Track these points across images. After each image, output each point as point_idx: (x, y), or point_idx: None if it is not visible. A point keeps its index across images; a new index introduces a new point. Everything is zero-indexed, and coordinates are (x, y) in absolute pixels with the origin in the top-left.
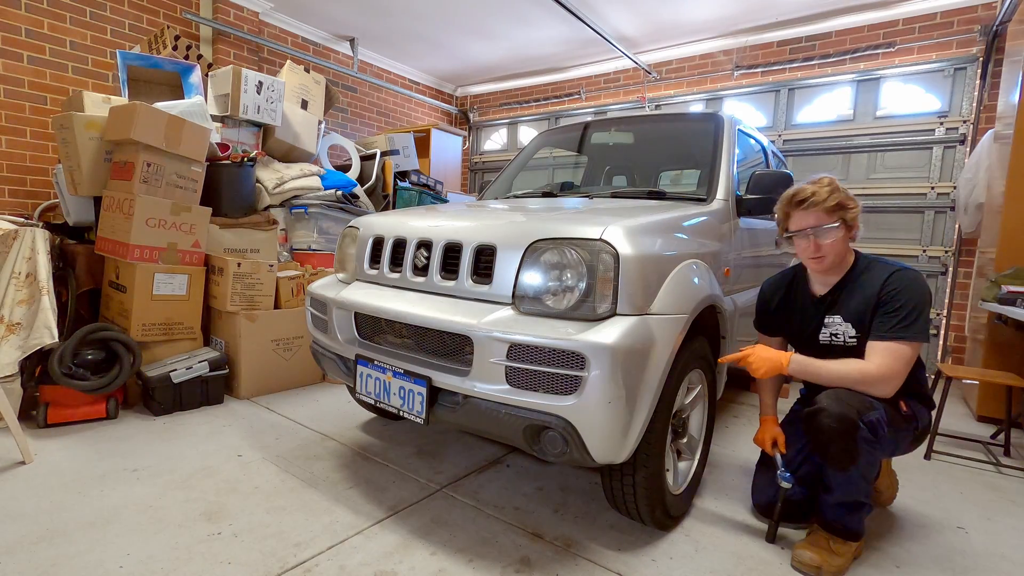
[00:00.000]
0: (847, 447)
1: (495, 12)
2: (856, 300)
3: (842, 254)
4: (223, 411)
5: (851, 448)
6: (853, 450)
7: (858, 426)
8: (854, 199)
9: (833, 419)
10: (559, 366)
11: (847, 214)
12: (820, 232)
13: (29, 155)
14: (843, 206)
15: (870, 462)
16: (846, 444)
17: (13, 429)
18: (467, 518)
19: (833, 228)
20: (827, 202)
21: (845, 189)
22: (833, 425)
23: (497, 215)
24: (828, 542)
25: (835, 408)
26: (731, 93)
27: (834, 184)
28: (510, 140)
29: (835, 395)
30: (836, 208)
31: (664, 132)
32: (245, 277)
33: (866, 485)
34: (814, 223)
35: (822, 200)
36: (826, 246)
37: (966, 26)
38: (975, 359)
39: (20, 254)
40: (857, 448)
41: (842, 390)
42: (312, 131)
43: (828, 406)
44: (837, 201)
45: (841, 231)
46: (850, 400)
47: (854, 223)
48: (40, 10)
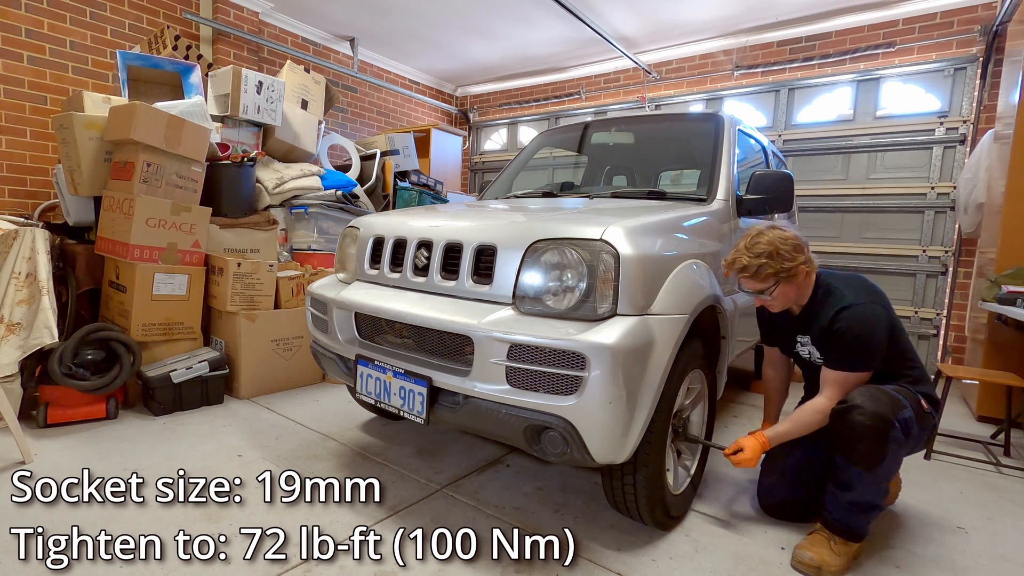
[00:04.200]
0: (877, 446)
1: (495, 12)
2: (816, 327)
3: (793, 298)
4: (223, 411)
5: (881, 447)
6: (882, 449)
7: (893, 424)
8: (793, 252)
9: (868, 416)
10: (559, 366)
11: (784, 273)
12: (760, 295)
13: (29, 155)
14: (778, 271)
15: (896, 462)
16: (877, 442)
17: (13, 429)
18: (467, 518)
19: (772, 289)
20: (757, 274)
21: (787, 238)
22: (867, 423)
23: (497, 215)
24: (829, 542)
25: (871, 406)
26: (731, 93)
27: (772, 245)
28: (510, 140)
29: (869, 392)
30: (769, 275)
31: (664, 132)
32: (245, 277)
33: (885, 486)
34: (752, 288)
35: (752, 273)
36: (771, 302)
37: (966, 26)
38: (975, 359)
39: (20, 254)
40: (886, 447)
41: (873, 387)
42: (312, 131)
43: (863, 403)
44: (768, 271)
45: (782, 287)
46: (884, 397)
47: (797, 273)
48: (40, 10)
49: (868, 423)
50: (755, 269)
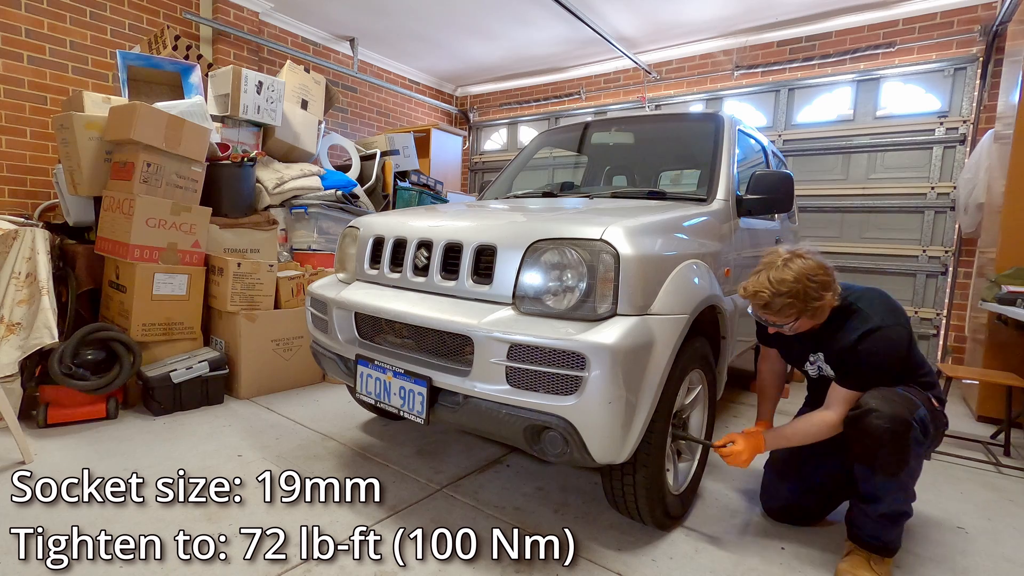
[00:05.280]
0: (900, 450)
1: (495, 12)
2: (835, 347)
3: (810, 326)
4: (223, 411)
5: (903, 450)
6: (905, 452)
7: (912, 425)
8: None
9: (886, 419)
10: (559, 366)
11: (807, 311)
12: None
13: (29, 155)
14: (802, 309)
15: (918, 463)
16: (899, 446)
17: (13, 429)
18: (467, 518)
19: (791, 325)
20: (780, 313)
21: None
22: (886, 426)
23: (497, 215)
24: (869, 562)
25: (887, 408)
26: (731, 93)
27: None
28: (510, 140)
29: (882, 395)
30: (793, 313)
31: (664, 132)
32: (245, 277)
33: (912, 491)
34: (771, 322)
35: (775, 311)
36: (786, 331)
37: (966, 26)
38: (975, 359)
39: (20, 254)
40: (908, 449)
41: (885, 389)
42: (312, 131)
43: (879, 406)
44: (791, 311)
45: (802, 321)
46: (897, 398)
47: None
48: (40, 10)
49: (887, 426)
50: (779, 308)
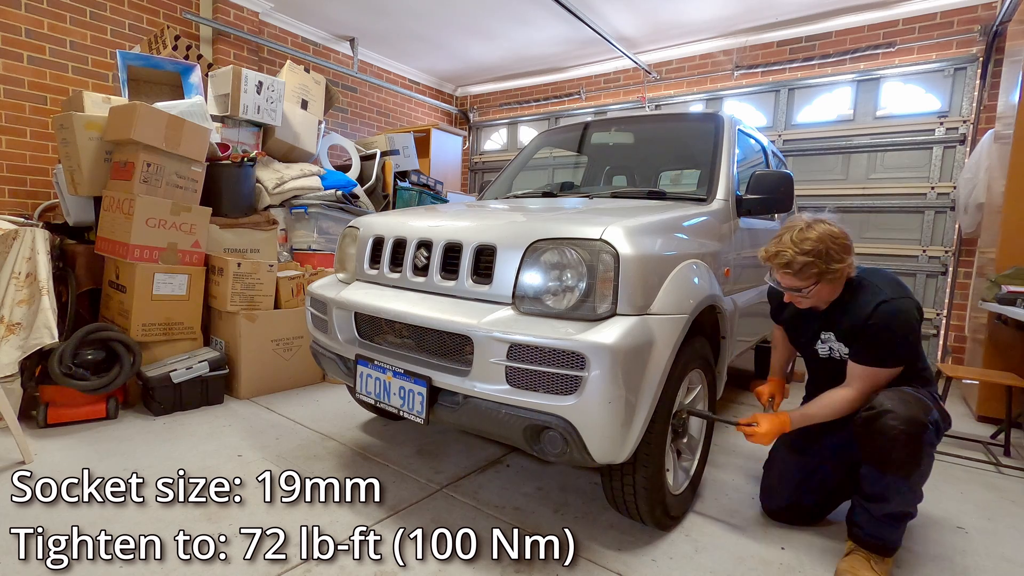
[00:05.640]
0: (913, 451)
1: (495, 12)
2: (847, 322)
3: (826, 297)
4: (223, 411)
5: (917, 451)
6: (919, 453)
7: (927, 427)
8: (842, 252)
9: (901, 421)
10: (559, 366)
11: (828, 274)
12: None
13: (29, 155)
14: (823, 271)
15: (929, 466)
16: (913, 448)
17: (13, 429)
18: (467, 518)
19: (810, 289)
20: (801, 272)
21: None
22: (901, 427)
23: (497, 215)
24: (869, 562)
25: (903, 409)
26: (731, 93)
27: (822, 243)
28: (510, 140)
29: (897, 396)
30: (814, 274)
31: (664, 132)
32: (245, 277)
33: (921, 492)
34: (789, 285)
35: (796, 270)
36: (801, 300)
37: (966, 26)
38: (975, 359)
39: (20, 254)
40: (922, 451)
41: (898, 389)
42: (312, 131)
43: (895, 407)
44: (813, 271)
45: (820, 287)
46: (912, 399)
47: (841, 274)
48: (40, 10)
49: (902, 427)
50: (800, 266)
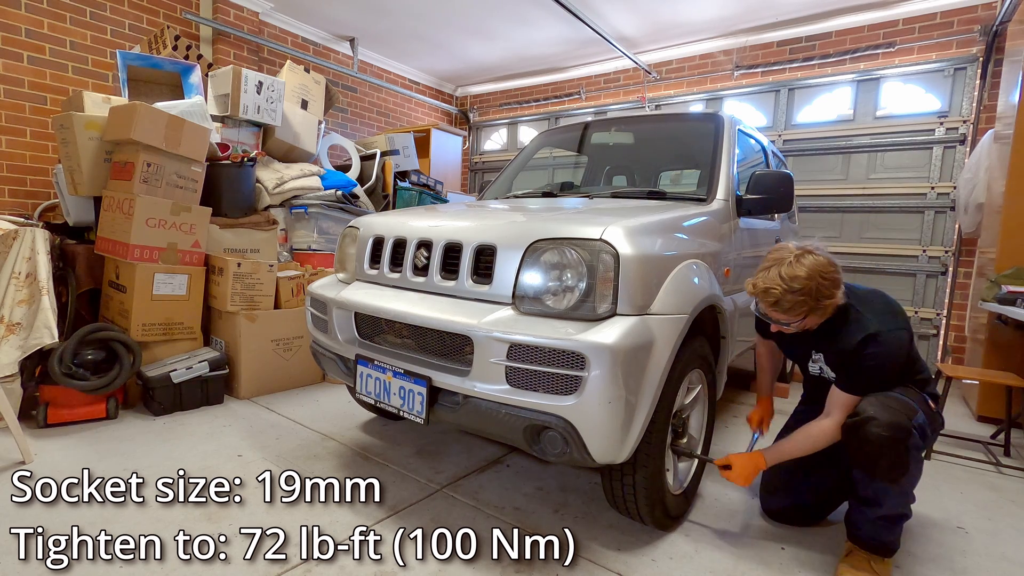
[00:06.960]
0: (899, 457)
1: (495, 12)
2: (835, 349)
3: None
4: (223, 411)
5: (903, 457)
6: (904, 459)
7: (911, 432)
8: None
9: (885, 427)
10: (559, 366)
11: (817, 310)
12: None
13: (29, 155)
14: (813, 307)
15: (918, 468)
16: (898, 453)
17: (13, 429)
18: (467, 518)
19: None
20: (790, 310)
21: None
22: (885, 434)
23: (497, 215)
24: (869, 563)
25: (886, 416)
26: (731, 93)
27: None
28: (510, 140)
29: (880, 402)
30: (803, 311)
31: (664, 132)
32: (245, 277)
33: (912, 494)
34: (777, 319)
35: (786, 308)
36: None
37: (966, 26)
38: (975, 359)
39: (20, 254)
40: (908, 456)
41: (881, 395)
42: (312, 131)
43: (877, 414)
44: (802, 308)
45: (808, 319)
46: (895, 404)
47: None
48: (40, 10)
49: (886, 434)
50: (789, 305)
